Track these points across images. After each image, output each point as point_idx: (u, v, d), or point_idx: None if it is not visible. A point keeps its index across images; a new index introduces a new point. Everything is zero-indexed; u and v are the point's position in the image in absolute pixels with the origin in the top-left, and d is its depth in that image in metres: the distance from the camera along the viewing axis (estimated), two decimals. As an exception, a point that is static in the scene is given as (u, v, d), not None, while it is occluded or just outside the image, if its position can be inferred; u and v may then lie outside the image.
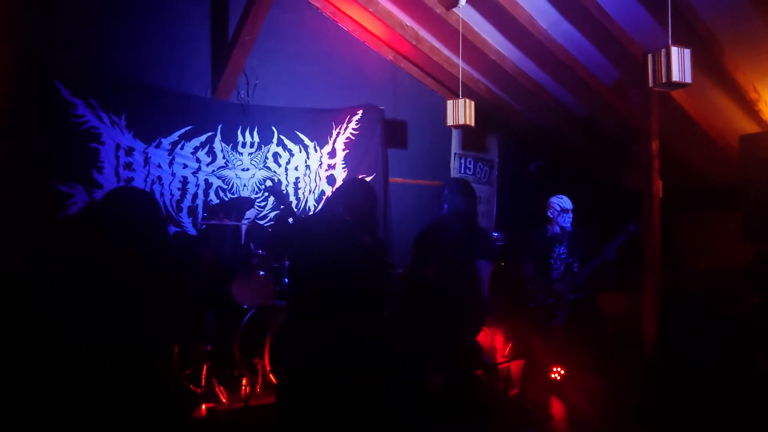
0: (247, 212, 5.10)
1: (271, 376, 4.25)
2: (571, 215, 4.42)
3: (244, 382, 4.19)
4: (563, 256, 4.37)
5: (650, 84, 3.61)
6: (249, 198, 5.41)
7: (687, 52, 3.49)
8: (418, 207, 6.34)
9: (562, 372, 4.55)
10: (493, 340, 5.33)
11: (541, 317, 4.29)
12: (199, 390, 4.21)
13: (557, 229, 4.43)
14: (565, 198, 4.46)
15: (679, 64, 3.47)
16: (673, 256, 5.89)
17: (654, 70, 3.56)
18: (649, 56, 3.59)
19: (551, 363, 4.52)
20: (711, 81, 4.98)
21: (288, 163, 5.69)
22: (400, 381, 3.71)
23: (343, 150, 6.01)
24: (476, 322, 3.67)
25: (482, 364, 4.58)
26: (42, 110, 4.45)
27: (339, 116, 6.00)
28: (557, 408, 4.48)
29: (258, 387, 4.33)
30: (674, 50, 3.46)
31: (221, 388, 4.25)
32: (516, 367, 4.86)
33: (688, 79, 3.50)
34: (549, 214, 4.47)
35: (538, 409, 4.29)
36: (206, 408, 4.01)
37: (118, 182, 4.76)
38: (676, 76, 3.46)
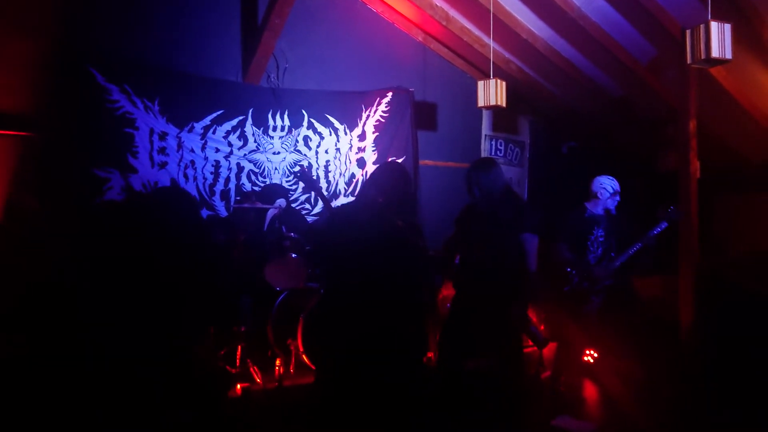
0: (278, 200, 5.14)
1: (304, 357, 4.30)
2: (619, 198, 4.29)
3: (277, 362, 4.25)
4: (601, 239, 4.24)
5: (688, 61, 3.50)
6: (282, 185, 5.44)
7: (727, 26, 3.37)
8: (449, 189, 6.31)
9: (596, 355, 4.51)
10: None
11: (575, 301, 4.22)
12: (234, 370, 4.29)
13: (599, 210, 4.28)
14: (615, 180, 4.31)
15: (719, 39, 3.36)
16: (712, 239, 5.76)
17: (693, 47, 3.44)
18: (688, 32, 3.47)
19: (584, 346, 4.47)
20: (752, 57, 4.82)
21: (318, 146, 5.71)
22: (436, 366, 3.73)
23: (373, 133, 6.00)
24: (524, 294, 3.69)
25: (533, 337, 4.57)
26: (78, 97, 4.54)
27: (368, 99, 5.99)
28: (590, 391, 4.44)
29: (291, 367, 4.40)
30: (714, 25, 3.35)
31: (256, 368, 4.32)
32: (549, 350, 4.84)
33: (729, 55, 3.38)
34: (599, 194, 4.27)
35: (570, 393, 4.26)
36: (241, 387, 4.08)
37: (152, 167, 4.83)
38: (715, 52, 3.35)
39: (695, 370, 4.57)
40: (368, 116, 5.98)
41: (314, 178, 5.50)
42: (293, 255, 4.75)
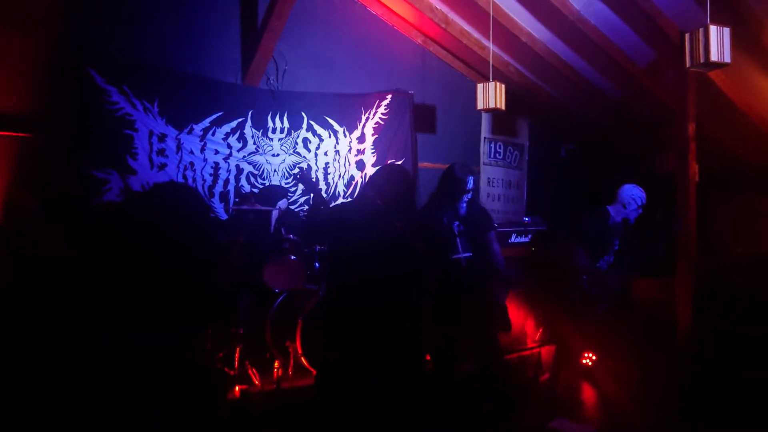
0: (280, 201, 5.14)
1: (302, 359, 4.30)
2: (642, 211, 4.27)
3: (276, 364, 4.25)
4: (616, 248, 4.25)
5: (687, 64, 3.52)
6: (281, 186, 5.44)
7: (726, 30, 3.39)
8: (448, 192, 6.30)
9: (594, 358, 4.52)
10: (524, 325, 5.31)
11: (583, 307, 4.21)
12: (232, 372, 4.28)
13: (619, 218, 4.27)
14: (644, 193, 4.28)
15: (718, 43, 3.37)
16: (709, 241, 5.77)
17: (691, 50, 3.46)
18: (687, 35, 3.49)
19: (583, 349, 4.48)
20: (751, 61, 4.84)
21: (317, 148, 5.71)
22: (432, 368, 3.74)
23: (372, 135, 6.00)
24: (505, 290, 3.95)
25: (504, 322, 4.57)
26: (77, 98, 4.53)
27: (368, 101, 5.99)
28: (588, 394, 4.45)
29: (290, 369, 4.39)
30: (713, 29, 3.36)
31: (254, 370, 4.32)
32: (547, 352, 4.84)
33: (727, 59, 3.40)
34: (627, 204, 4.24)
35: (568, 395, 4.26)
36: (240, 390, 4.07)
37: (151, 168, 4.83)
38: (714, 56, 3.37)
39: (693, 371, 4.57)
40: (367, 118, 5.98)
41: (313, 179, 5.51)
42: (292, 257, 4.75)
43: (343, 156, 5.85)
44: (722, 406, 3.99)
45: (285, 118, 5.52)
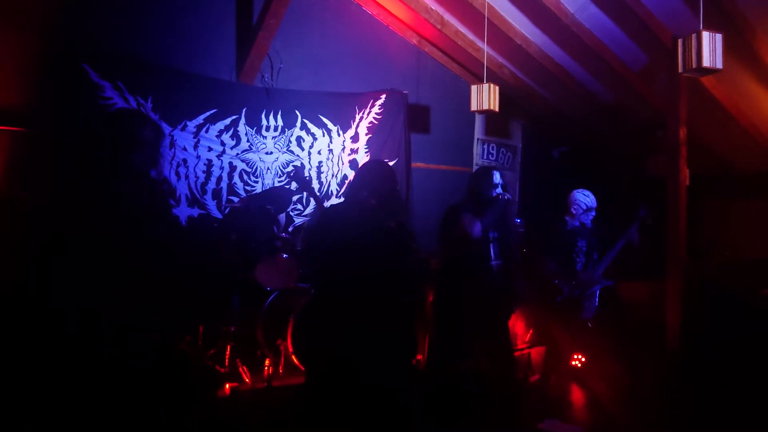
0: (289, 208, 5.14)
1: (293, 357, 4.30)
2: (594, 213, 4.36)
3: (266, 362, 4.25)
4: (584, 249, 4.32)
5: (680, 69, 3.55)
6: (286, 188, 5.41)
7: (719, 36, 3.42)
8: (441, 192, 6.33)
9: (583, 359, 4.54)
10: (514, 326, 5.33)
11: (569, 309, 4.25)
12: (223, 370, 4.27)
13: (577, 223, 4.36)
14: (591, 195, 4.36)
15: (711, 49, 3.41)
16: (699, 245, 5.82)
17: (684, 55, 3.49)
18: (680, 41, 3.52)
19: (572, 350, 4.51)
20: (742, 67, 4.88)
21: (311, 147, 5.71)
22: (427, 367, 3.76)
23: (366, 134, 6.01)
24: None
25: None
26: (70, 92, 4.51)
27: (362, 100, 6.00)
28: (578, 395, 4.48)
29: (280, 368, 4.39)
30: (705, 35, 3.39)
31: (245, 368, 4.31)
32: (537, 353, 4.87)
33: (719, 65, 3.44)
34: (573, 210, 4.37)
35: (558, 396, 4.29)
36: (230, 387, 4.07)
37: (144, 164, 4.81)
38: (706, 62, 3.40)
39: (681, 374, 4.61)
40: (361, 118, 5.99)
41: (307, 178, 5.50)
42: (284, 255, 4.75)
43: (336, 155, 5.85)
44: (710, 407, 4.03)
45: (279, 117, 5.52)
